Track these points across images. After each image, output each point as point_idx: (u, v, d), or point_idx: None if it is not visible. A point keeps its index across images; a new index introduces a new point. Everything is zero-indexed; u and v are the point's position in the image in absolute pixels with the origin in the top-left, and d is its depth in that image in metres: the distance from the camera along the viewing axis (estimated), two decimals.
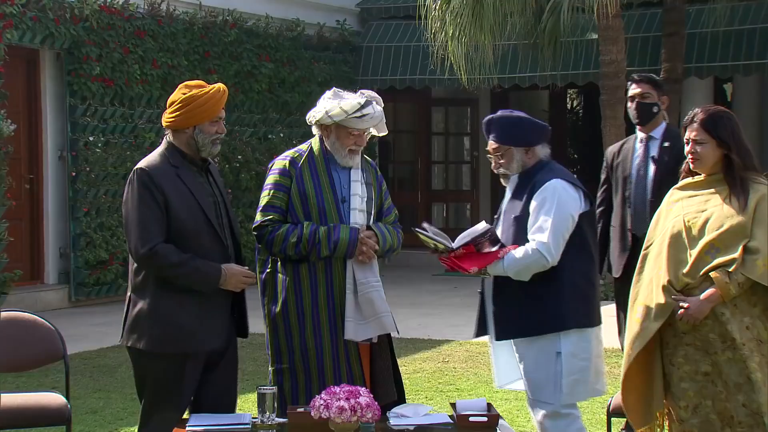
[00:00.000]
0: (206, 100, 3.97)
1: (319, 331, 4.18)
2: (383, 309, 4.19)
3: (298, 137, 12.38)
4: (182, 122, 3.98)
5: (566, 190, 4.12)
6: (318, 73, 12.91)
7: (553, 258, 4.03)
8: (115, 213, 10.45)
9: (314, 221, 4.19)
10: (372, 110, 4.22)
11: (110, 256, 10.42)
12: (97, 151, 10.31)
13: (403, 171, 15.27)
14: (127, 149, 10.55)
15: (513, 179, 4.21)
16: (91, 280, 10.33)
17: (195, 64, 11.30)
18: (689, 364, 3.83)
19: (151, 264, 3.89)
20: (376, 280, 4.22)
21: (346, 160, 4.25)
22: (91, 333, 8.76)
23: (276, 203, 4.23)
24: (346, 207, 4.25)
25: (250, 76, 11.92)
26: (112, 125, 10.47)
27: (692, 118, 3.94)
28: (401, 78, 13.25)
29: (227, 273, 3.95)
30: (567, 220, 4.08)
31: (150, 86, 10.81)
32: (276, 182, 4.24)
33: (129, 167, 10.49)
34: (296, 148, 4.40)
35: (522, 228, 4.09)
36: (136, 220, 3.87)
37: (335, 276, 4.20)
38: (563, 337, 4.10)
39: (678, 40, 11.40)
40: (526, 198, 4.12)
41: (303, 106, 12.31)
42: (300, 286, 4.22)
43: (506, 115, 4.29)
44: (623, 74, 10.86)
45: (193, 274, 3.90)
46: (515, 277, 4.04)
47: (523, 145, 4.20)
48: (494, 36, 10.70)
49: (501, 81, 12.34)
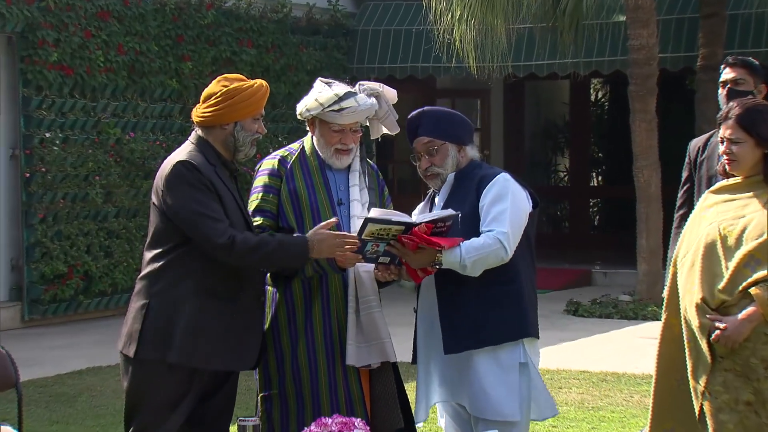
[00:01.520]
0: (252, 94, 4.09)
1: (313, 353, 4.22)
2: (385, 334, 4.23)
3: (285, 133, 12.42)
4: (223, 117, 4.08)
5: (516, 185, 4.19)
6: (307, 60, 12.94)
7: (510, 251, 4.08)
8: (74, 220, 10.48)
9: (307, 225, 4.22)
10: (354, 103, 4.23)
11: (69, 269, 10.44)
12: (54, 149, 10.34)
13: (404, 172, 15.32)
14: (88, 147, 10.58)
15: (448, 181, 4.26)
16: (47, 297, 10.35)
17: (166, 50, 11.34)
18: (729, 392, 3.83)
19: (233, 253, 3.96)
20: (375, 298, 4.24)
21: (333, 161, 4.29)
22: (47, 357, 8.77)
23: (265, 207, 4.27)
24: (344, 211, 4.28)
25: (230, 63, 11.96)
26: (71, 119, 10.50)
27: (727, 113, 3.95)
28: (402, 66, 13.29)
29: (315, 239, 4.03)
30: (522, 215, 4.15)
31: (115, 75, 10.84)
32: (265, 184, 4.29)
33: (91, 167, 10.55)
34: (287, 146, 4.44)
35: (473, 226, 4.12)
36: (200, 211, 3.96)
37: (332, 290, 4.23)
38: (526, 345, 4.15)
39: (718, 22, 11.44)
40: (473, 195, 4.17)
41: (290, 98, 12.34)
42: (292, 300, 4.25)
43: (438, 108, 4.37)
44: (655, 61, 10.90)
45: (278, 250, 4.01)
46: (469, 269, 4.05)
47: (457, 142, 4.27)
48: (508, 18, 10.74)
49: (515, 69, 12.37)
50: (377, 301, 4.23)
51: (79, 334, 9.98)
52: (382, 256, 4.11)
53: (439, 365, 4.21)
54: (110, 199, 10.83)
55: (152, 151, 11.08)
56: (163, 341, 3.99)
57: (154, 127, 11.27)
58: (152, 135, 11.22)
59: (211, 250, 3.98)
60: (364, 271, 4.21)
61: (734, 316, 3.80)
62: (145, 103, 11.16)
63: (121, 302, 10.80)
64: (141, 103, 11.12)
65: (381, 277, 4.21)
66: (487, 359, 4.12)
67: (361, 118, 4.28)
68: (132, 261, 10.89)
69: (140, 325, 4.02)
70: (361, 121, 4.31)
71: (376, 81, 4.49)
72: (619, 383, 7.61)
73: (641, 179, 10.96)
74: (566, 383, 7.58)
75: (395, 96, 4.45)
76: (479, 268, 4.06)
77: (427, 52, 12.73)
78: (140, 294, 4.07)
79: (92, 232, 10.63)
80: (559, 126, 17.21)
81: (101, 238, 10.72)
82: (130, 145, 10.91)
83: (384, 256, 4.12)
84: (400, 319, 5.68)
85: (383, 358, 4.21)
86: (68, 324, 10.40)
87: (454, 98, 15.40)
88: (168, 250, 4.04)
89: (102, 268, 10.71)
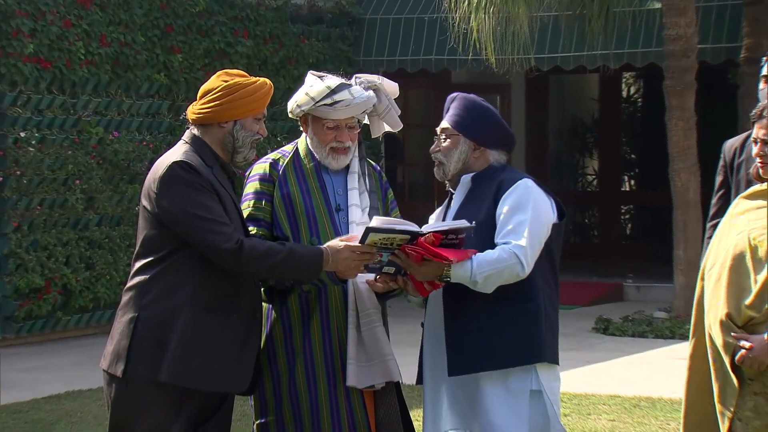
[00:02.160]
0: (254, 90, 4.13)
1: (312, 374, 4.22)
2: (388, 351, 4.23)
3: (284, 132, 12.42)
4: (222, 114, 4.12)
5: (540, 193, 4.18)
6: (309, 52, 12.95)
7: (528, 267, 4.06)
8: (52, 228, 10.49)
9: (303, 233, 4.23)
10: (348, 96, 4.25)
11: (47, 283, 10.44)
12: (30, 150, 10.35)
13: (416, 175, 15.31)
14: (68, 147, 10.59)
15: (464, 182, 4.27)
16: (21, 313, 10.35)
17: (154, 41, 11.35)
18: (760, 418, 3.83)
19: (240, 259, 3.99)
20: (375, 311, 4.24)
21: (329, 161, 4.30)
22: (22, 380, 8.78)
23: (258, 215, 4.28)
24: (342, 217, 4.29)
25: (224, 56, 11.97)
26: (49, 117, 10.52)
27: (761, 111, 3.93)
28: (413, 59, 13.28)
29: (330, 251, 4.05)
30: (543, 226, 4.13)
31: (97, 69, 10.85)
32: (256, 190, 4.30)
33: (71, 170, 10.56)
34: (280, 149, 4.45)
35: (488, 235, 4.12)
36: (202, 214, 3.98)
37: (332, 304, 4.24)
38: (540, 371, 4.13)
39: (763, 10, 11.40)
40: (490, 200, 4.17)
41: (290, 95, 12.21)
42: (288, 317, 4.26)
43: (475, 99, 4.38)
44: (693, 53, 10.87)
45: (289, 259, 4.02)
46: (480, 285, 4.04)
47: (474, 140, 4.27)
48: (530, 5, 10.72)
49: (538, 62, 12.35)
50: (378, 315, 4.24)
51: (56, 354, 9.98)
52: (387, 266, 4.11)
53: (449, 388, 4.20)
54: (92, 205, 10.83)
55: (138, 153, 11.09)
56: (155, 358, 3.99)
57: (141, 126, 11.27)
58: (138, 135, 11.23)
59: (217, 257, 3.99)
60: (362, 283, 4.22)
61: (761, 334, 3.79)
62: (130, 99, 11.17)
63: (103, 319, 10.79)
64: (126, 99, 11.13)
65: (379, 288, 4.21)
66: (495, 384, 4.11)
67: (356, 112, 4.29)
68: (115, 274, 10.89)
69: (129, 341, 4.02)
70: (357, 116, 4.31)
71: (385, 75, 4.49)
72: (654, 409, 7.59)
73: (678, 183, 10.94)
74: (595, 409, 7.56)
75: (396, 89, 4.45)
76: (492, 284, 4.05)
77: (441, 43, 12.72)
78: (128, 306, 4.07)
79: (72, 242, 10.63)
80: (587, 124, 17.19)
81: (82, 249, 10.72)
82: (114, 146, 10.91)
83: (389, 265, 4.11)
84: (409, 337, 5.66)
85: (386, 377, 4.22)
86: (45, 343, 10.40)
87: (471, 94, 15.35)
88: (159, 259, 4.04)
89: (83, 282, 10.71)
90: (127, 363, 4.01)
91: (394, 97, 4.45)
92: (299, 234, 4.23)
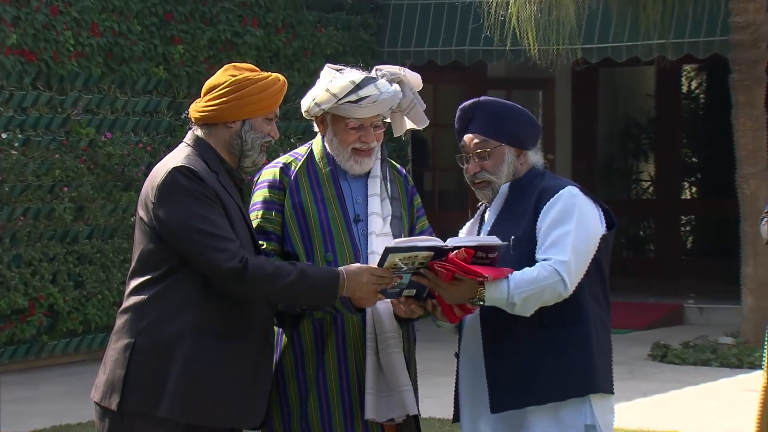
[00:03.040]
0: (266, 87, 4.15)
1: (327, 408, 4.21)
2: (404, 381, 4.21)
3: (299, 133, 12.44)
4: (229, 113, 4.13)
5: (586, 202, 4.17)
6: (326, 42, 12.97)
7: (571, 285, 4.05)
8: (37, 241, 10.52)
9: (317, 249, 4.23)
10: (375, 91, 4.25)
11: (31, 303, 10.47)
12: (13, 153, 10.39)
13: (448, 181, 15.29)
14: (55, 150, 10.63)
15: (501, 192, 4.25)
16: (2, 337, 10.38)
17: (152, 31, 11.39)
18: None
19: (244, 281, 3.99)
20: (394, 336, 4.23)
21: (350, 165, 4.30)
22: (3, 414, 8.75)
23: (267, 227, 4.28)
24: (362, 229, 4.28)
25: (231, 47, 11.99)
26: (34, 117, 10.56)
27: None
28: (444, 50, 13.28)
29: (347, 273, 4.05)
30: (590, 240, 4.12)
31: (88, 62, 10.89)
32: (265, 199, 4.31)
33: (58, 176, 10.59)
34: (292, 151, 4.45)
35: (526, 253, 4.10)
36: (202, 227, 3.98)
37: (349, 329, 4.23)
38: (594, 402, 4.11)
39: None
40: (530, 212, 4.15)
41: (305, 90, 12.23)
42: (300, 343, 4.26)
43: (497, 100, 4.36)
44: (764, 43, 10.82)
45: (300, 282, 4.01)
46: (519, 308, 4.03)
47: (517, 145, 4.26)
48: None
49: (586, 53, 12.34)
50: (397, 340, 4.23)
51: (42, 383, 10.00)
52: (408, 288, 4.10)
53: (490, 424, 4.19)
54: (82, 215, 10.86)
55: (134, 156, 11.12)
56: (153, 390, 4.00)
57: (137, 127, 11.31)
58: (134, 136, 11.26)
59: (217, 277, 4.00)
60: (381, 304, 4.21)
61: None
62: (125, 96, 11.21)
63: (94, 344, 10.81)
64: (120, 96, 11.17)
65: (403, 313, 4.19)
66: (544, 420, 4.10)
67: (383, 109, 4.29)
68: (108, 293, 10.91)
69: (124, 370, 4.02)
70: (383, 113, 4.31)
71: (412, 69, 4.49)
72: None
73: (747, 190, 10.89)
74: None
75: (420, 81, 4.45)
76: (532, 306, 4.04)
77: (475, 32, 12.72)
78: (123, 331, 4.07)
79: (59, 257, 10.66)
80: (641, 124, 17.14)
81: (70, 265, 10.75)
82: (107, 149, 10.94)
83: (410, 287, 4.09)
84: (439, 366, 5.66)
85: (402, 410, 4.21)
86: (29, 371, 10.41)
87: (510, 89, 15.38)
88: (159, 277, 4.05)
89: (71, 302, 10.74)
90: (122, 395, 4.01)
91: (418, 89, 4.46)
92: (313, 249, 4.23)
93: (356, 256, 4.23)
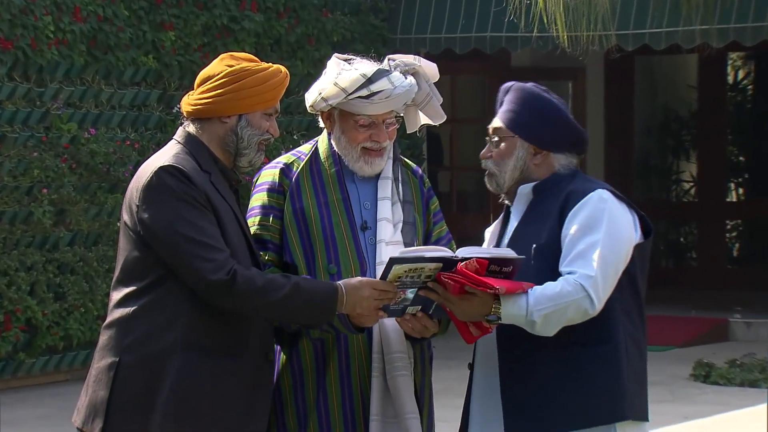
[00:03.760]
0: (266, 78, 4.16)
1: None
2: (409, 408, 4.20)
3: (303, 129, 12.44)
4: (224, 106, 4.14)
5: (617, 207, 4.15)
6: (333, 28, 12.97)
7: (599, 302, 4.03)
8: (13, 249, 10.53)
9: (318, 260, 4.23)
10: (389, 85, 4.24)
11: (6, 317, 10.49)
12: None
13: (467, 181, 15.30)
14: (33, 148, 10.64)
15: (523, 193, 4.25)
16: None
17: (140, 16, 11.39)
18: None
19: (231, 294, 3.99)
20: (402, 356, 4.21)
21: (360, 166, 4.29)
22: None
23: (264, 236, 4.29)
24: (369, 237, 4.28)
25: (227, 33, 12.01)
26: (10, 111, 10.58)
27: None
28: (463, 37, 13.28)
29: (347, 288, 4.05)
30: (621, 250, 4.10)
31: (70, 50, 10.90)
32: (264, 204, 4.31)
33: (37, 176, 10.61)
34: (295, 150, 4.46)
35: (548, 263, 4.09)
36: (189, 234, 3.99)
37: (353, 347, 4.23)
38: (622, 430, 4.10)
39: None
40: (555, 218, 4.14)
41: (309, 81, 12.26)
42: (299, 363, 4.26)
43: (535, 89, 4.38)
44: None
45: (294, 296, 4.02)
46: (539, 326, 4.01)
47: (535, 143, 4.24)
48: None
49: (621, 40, 12.33)
50: (405, 362, 4.22)
51: (19, 405, 10.01)
52: (413, 305, 4.09)
53: None
54: (63, 220, 10.87)
55: (120, 154, 11.13)
56: (141, 413, 4.01)
57: (124, 122, 11.32)
58: (121, 132, 11.27)
59: (203, 290, 4.01)
60: (389, 321, 4.20)
61: None
62: (110, 88, 11.22)
63: (76, 362, 10.83)
64: (105, 88, 11.18)
65: (411, 330, 4.18)
66: None
67: (398, 105, 4.29)
68: (92, 306, 10.92)
69: (108, 391, 4.04)
70: (397, 109, 4.32)
71: (428, 58, 4.49)
72: None
73: None
74: None
75: (436, 72, 4.44)
76: (554, 325, 4.03)
77: (498, 16, 12.71)
78: (107, 348, 4.08)
79: (38, 266, 10.67)
80: (682, 118, 17.14)
81: (50, 274, 10.76)
82: (91, 146, 10.96)
83: (415, 303, 4.09)
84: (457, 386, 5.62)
85: None
86: (5, 392, 10.41)
87: (535, 80, 15.28)
88: (145, 288, 4.06)
89: (51, 316, 10.75)
90: (106, 419, 4.03)
91: (434, 81, 4.45)
92: (314, 260, 4.23)
93: (362, 268, 4.22)
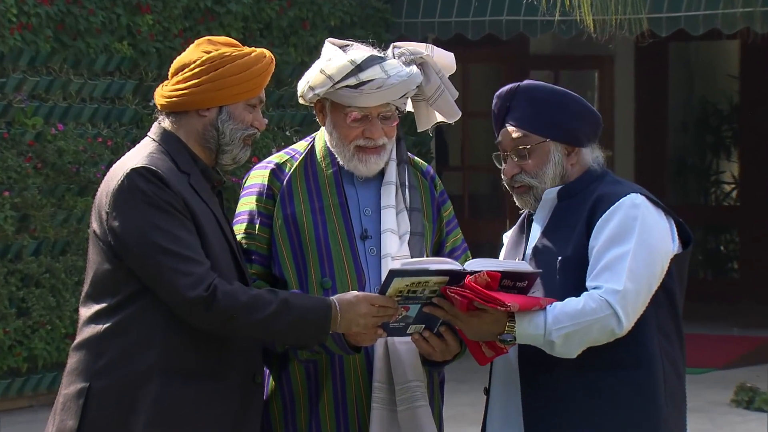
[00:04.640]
0: (247, 65, 4.16)
1: None
2: None
3: (296, 124, 12.45)
4: (202, 98, 4.16)
5: (652, 213, 4.15)
6: (330, 11, 12.99)
7: (628, 321, 4.04)
8: None
9: (311, 272, 4.24)
10: (381, 74, 4.24)
11: None
12: None
13: (480, 183, 15.32)
14: None
15: (547, 199, 4.24)
16: None
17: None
18: None
19: (210, 313, 4.00)
20: (419, 384, 4.21)
21: (354, 165, 4.31)
22: None
23: (250, 246, 4.30)
24: (370, 248, 4.29)
25: (211, 17, 12.02)
26: None
27: None
28: (476, 21, 13.29)
29: (341, 304, 4.06)
30: (654, 263, 4.11)
31: (35, 35, 10.92)
32: (251, 210, 4.33)
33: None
34: (289, 148, 4.48)
35: (575, 277, 4.10)
36: (163, 244, 4.00)
37: (350, 371, 4.24)
38: None
39: None
40: (582, 226, 4.15)
41: (303, 71, 12.31)
42: (290, 388, 4.28)
43: (542, 85, 4.35)
44: None
45: (282, 314, 4.03)
46: (560, 347, 4.03)
47: (566, 141, 4.25)
48: None
49: (654, 25, 12.34)
50: (422, 390, 4.22)
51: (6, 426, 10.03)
52: (415, 323, 4.09)
53: None
54: (26, 226, 10.88)
55: (91, 153, 11.14)
56: None
57: (95, 116, 11.34)
58: (92, 128, 11.29)
59: (179, 307, 4.02)
60: (402, 343, 4.19)
61: None
62: (80, 78, 11.24)
63: (42, 386, 10.84)
64: (75, 78, 11.20)
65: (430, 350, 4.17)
66: None
67: (393, 97, 4.29)
68: (59, 323, 10.93)
69: (77, 421, 4.07)
70: (395, 102, 4.31)
71: (436, 44, 4.50)
72: None
73: None
74: None
75: (452, 63, 4.45)
76: (576, 346, 4.05)
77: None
78: (76, 372, 4.10)
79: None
80: (722, 112, 17.16)
81: (12, 288, 10.78)
82: (58, 143, 10.97)
83: (417, 321, 4.09)
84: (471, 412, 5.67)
85: None
86: None
87: (557, 70, 15.41)
88: (117, 305, 4.07)
89: (13, 334, 10.76)
90: None
91: (449, 74, 4.45)
92: (306, 273, 4.24)
93: (360, 282, 4.23)
